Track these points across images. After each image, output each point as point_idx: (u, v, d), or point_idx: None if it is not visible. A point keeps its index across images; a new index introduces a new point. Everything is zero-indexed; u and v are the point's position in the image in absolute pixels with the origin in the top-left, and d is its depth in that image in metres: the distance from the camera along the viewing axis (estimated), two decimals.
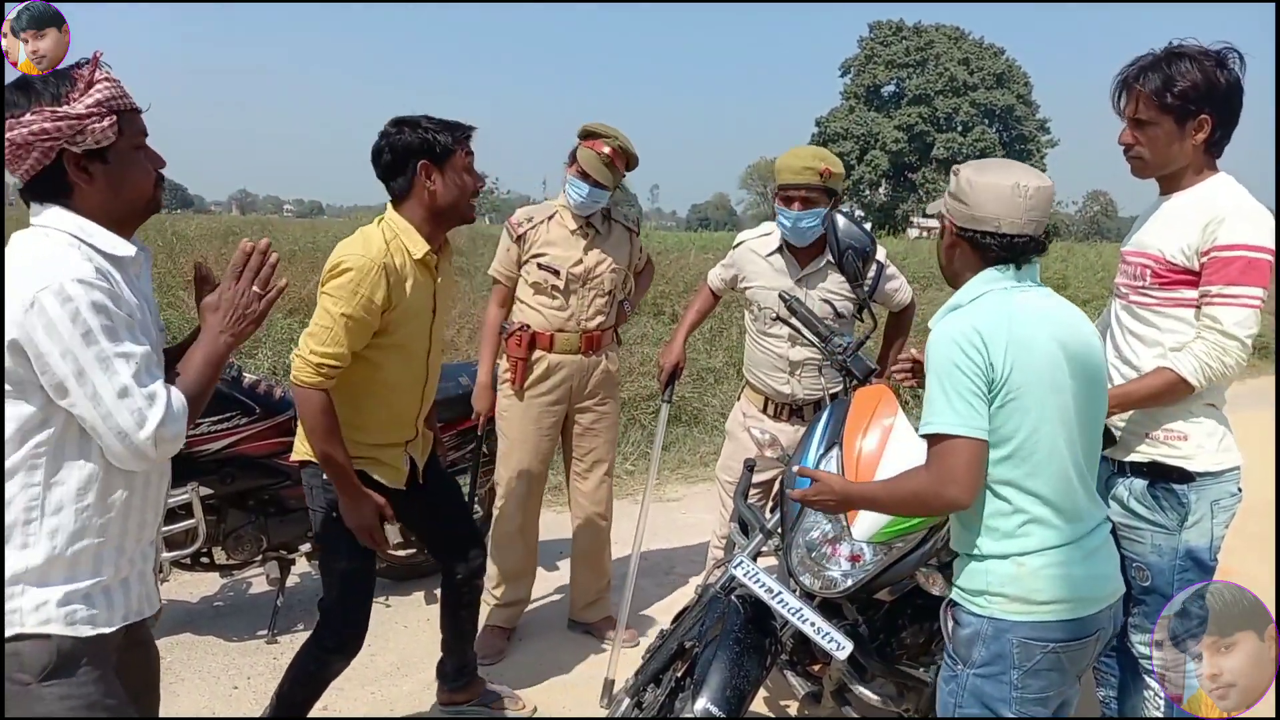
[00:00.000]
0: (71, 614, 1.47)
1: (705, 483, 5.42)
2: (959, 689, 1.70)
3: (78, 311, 1.38)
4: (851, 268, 2.41)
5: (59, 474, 1.45)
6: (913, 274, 11.72)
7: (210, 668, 3.10)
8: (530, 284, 3.12)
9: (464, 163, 2.28)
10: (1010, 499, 1.64)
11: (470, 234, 11.13)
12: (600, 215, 3.17)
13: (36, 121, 1.41)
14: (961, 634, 1.70)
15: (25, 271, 1.40)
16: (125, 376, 1.42)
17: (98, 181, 1.48)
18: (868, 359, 2.53)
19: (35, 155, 1.43)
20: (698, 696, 1.98)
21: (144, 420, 1.43)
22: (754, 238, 3.12)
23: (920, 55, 47.66)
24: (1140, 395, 2.07)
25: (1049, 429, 1.62)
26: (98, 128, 1.44)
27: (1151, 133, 2.07)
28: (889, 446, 2.18)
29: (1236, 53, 2.02)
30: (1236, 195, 2.05)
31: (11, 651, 1.43)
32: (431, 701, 2.90)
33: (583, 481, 3.34)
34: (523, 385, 3.14)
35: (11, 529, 1.43)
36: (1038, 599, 1.62)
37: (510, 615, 3.33)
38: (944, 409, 1.59)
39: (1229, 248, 1.98)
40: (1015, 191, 1.64)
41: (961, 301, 1.70)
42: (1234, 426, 2.14)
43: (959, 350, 1.59)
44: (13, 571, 1.43)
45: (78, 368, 1.39)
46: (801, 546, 2.15)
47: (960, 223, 1.69)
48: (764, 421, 3.01)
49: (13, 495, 1.43)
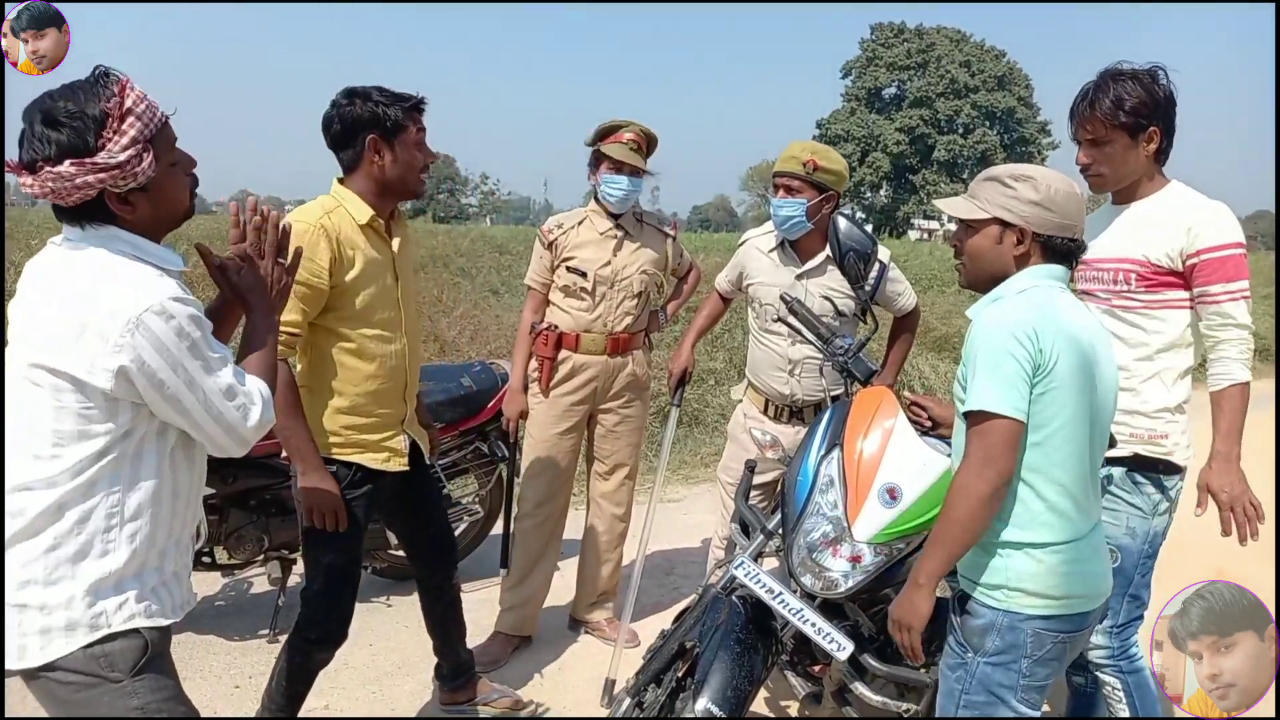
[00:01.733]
0: (148, 609, 1.54)
1: (706, 483, 5.43)
2: (967, 676, 1.77)
3: (181, 327, 1.45)
4: (853, 269, 2.42)
5: (137, 482, 1.51)
6: (914, 276, 11.74)
7: (212, 667, 3.11)
8: (560, 287, 3.14)
9: (415, 138, 2.25)
10: (1035, 485, 1.70)
11: (472, 236, 11.14)
12: (632, 218, 3.19)
13: (79, 175, 1.40)
14: (974, 624, 1.76)
15: (117, 292, 1.42)
16: (227, 379, 1.51)
17: (140, 208, 1.50)
18: (869, 360, 2.53)
19: (77, 196, 1.43)
20: (699, 696, 1.99)
21: (248, 413, 1.54)
22: (757, 235, 3.14)
23: (921, 57, 47.69)
24: (1240, 419, 2.19)
25: (1077, 424, 1.69)
26: (139, 170, 1.45)
27: (1108, 150, 2.23)
28: (890, 448, 2.19)
29: (1163, 69, 2.22)
30: (1203, 199, 2.24)
31: (101, 654, 1.49)
32: (429, 701, 2.91)
33: (603, 482, 3.34)
34: (549, 385, 3.15)
35: (92, 539, 1.48)
36: (1055, 594, 1.70)
37: (518, 621, 3.28)
38: (990, 389, 1.65)
39: (1219, 248, 2.16)
40: (1081, 200, 1.78)
41: (1006, 294, 1.75)
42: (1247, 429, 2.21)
43: (1011, 337, 1.65)
44: (96, 578, 1.48)
45: (188, 379, 1.47)
46: (802, 547, 2.16)
47: (1045, 230, 1.74)
48: (765, 423, 3.02)
49: (92, 506, 1.48)
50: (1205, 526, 2.23)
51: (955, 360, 8.49)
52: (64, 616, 1.47)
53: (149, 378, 1.43)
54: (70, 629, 1.47)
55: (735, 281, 3.20)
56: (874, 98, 49.54)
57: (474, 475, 3.97)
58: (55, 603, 1.46)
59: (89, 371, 1.41)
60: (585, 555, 3.42)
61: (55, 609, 1.46)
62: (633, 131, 3.04)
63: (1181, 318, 2.24)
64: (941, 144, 47.10)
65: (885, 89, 49.28)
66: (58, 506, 1.46)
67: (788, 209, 2.87)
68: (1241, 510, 2.14)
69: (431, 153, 2.31)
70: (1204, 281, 2.18)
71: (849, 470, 2.19)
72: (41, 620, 1.46)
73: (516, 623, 3.28)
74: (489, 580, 3.77)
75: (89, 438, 1.45)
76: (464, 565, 3.90)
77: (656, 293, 3.28)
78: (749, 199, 77.62)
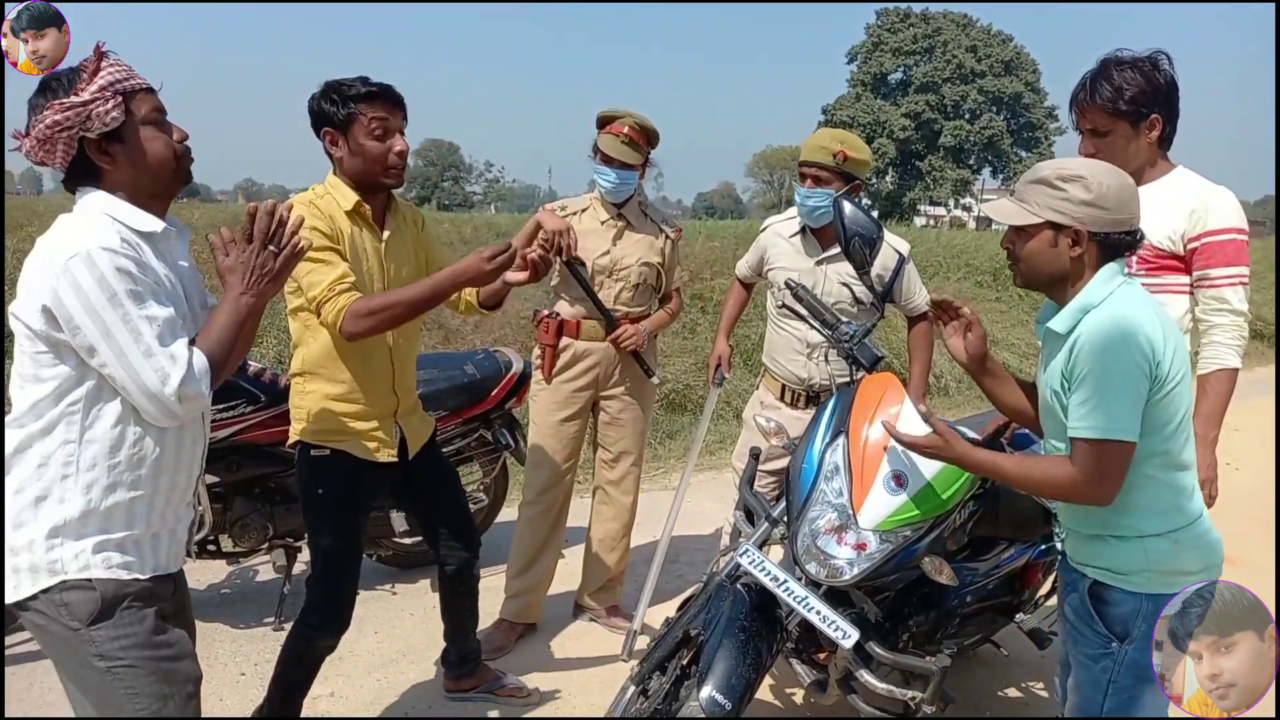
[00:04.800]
0: (107, 559, 1.58)
1: (712, 470, 5.43)
2: (1114, 665, 1.78)
3: (103, 276, 1.47)
4: (858, 255, 2.39)
5: (91, 432, 1.56)
6: (920, 263, 11.66)
7: (217, 654, 3.12)
8: (560, 274, 3.13)
9: (368, 127, 2.19)
10: (1166, 479, 1.73)
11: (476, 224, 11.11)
12: (636, 209, 3.16)
13: (49, 115, 1.51)
14: (1116, 612, 1.78)
15: (57, 242, 1.51)
16: (149, 337, 1.50)
17: (119, 161, 1.58)
18: (874, 346, 2.51)
19: (61, 147, 1.55)
20: (703, 684, 1.98)
21: (166, 378, 1.51)
22: (779, 221, 3.14)
23: (928, 42, 47.35)
24: (1223, 404, 2.21)
25: (1187, 406, 1.73)
26: (103, 110, 1.53)
27: (1110, 139, 2.23)
28: None
29: (1166, 55, 2.20)
30: (1206, 183, 2.24)
31: (60, 602, 1.55)
32: (437, 688, 2.91)
33: (609, 470, 3.34)
34: (551, 371, 3.15)
35: (50, 485, 1.55)
36: (1194, 567, 1.74)
37: (522, 608, 3.28)
38: (1111, 413, 1.64)
39: (1221, 231, 2.18)
40: (1134, 190, 1.74)
41: (1094, 301, 1.72)
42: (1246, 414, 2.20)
43: (1139, 349, 1.64)
44: (51, 525, 1.54)
45: (104, 328, 1.48)
46: (807, 535, 2.15)
47: (1101, 228, 1.72)
48: (781, 410, 3.01)
49: (50, 452, 1.55)
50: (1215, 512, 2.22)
51: None
52: (26, 559, 1.55)
53: (65, 321, 1.48)
54: (33, 571, 1.55)
55: (756, 267, 3.21)
56: (880, 83, 49.23)
57: (478, 463, 3.97)
58: (19, 545, 1.55)
59: (26, 312, 1.50)
60: (591, 542, 3.42)
61: (20, 551, 1.55)
62: (629, 124, 2.99)
63: (1181, 303, 2.25)
64: (948, 129, 46.81)
65: (891, 74, 48.95)
66: (21, 447, 1.55)
67: (815, 199, 2.85)
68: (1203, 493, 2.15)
69: (399, 140, 2.23)
70: (1204, 265, 2.20)
71: (854, 457, 2.17)
72: (11, 560, 1.55)
73: (521, 610, 3.28)
74: (495, 567, 3.76)
75: (40, 380, 1.53)
76: None
77: (657, 285, 3.24)
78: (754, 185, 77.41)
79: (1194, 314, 2.26)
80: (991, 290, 10.57)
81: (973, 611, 2.50)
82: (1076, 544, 1.87)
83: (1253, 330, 10.48)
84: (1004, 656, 3.04)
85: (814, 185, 2.85)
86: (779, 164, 63.03)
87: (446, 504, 2.66)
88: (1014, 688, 3.05)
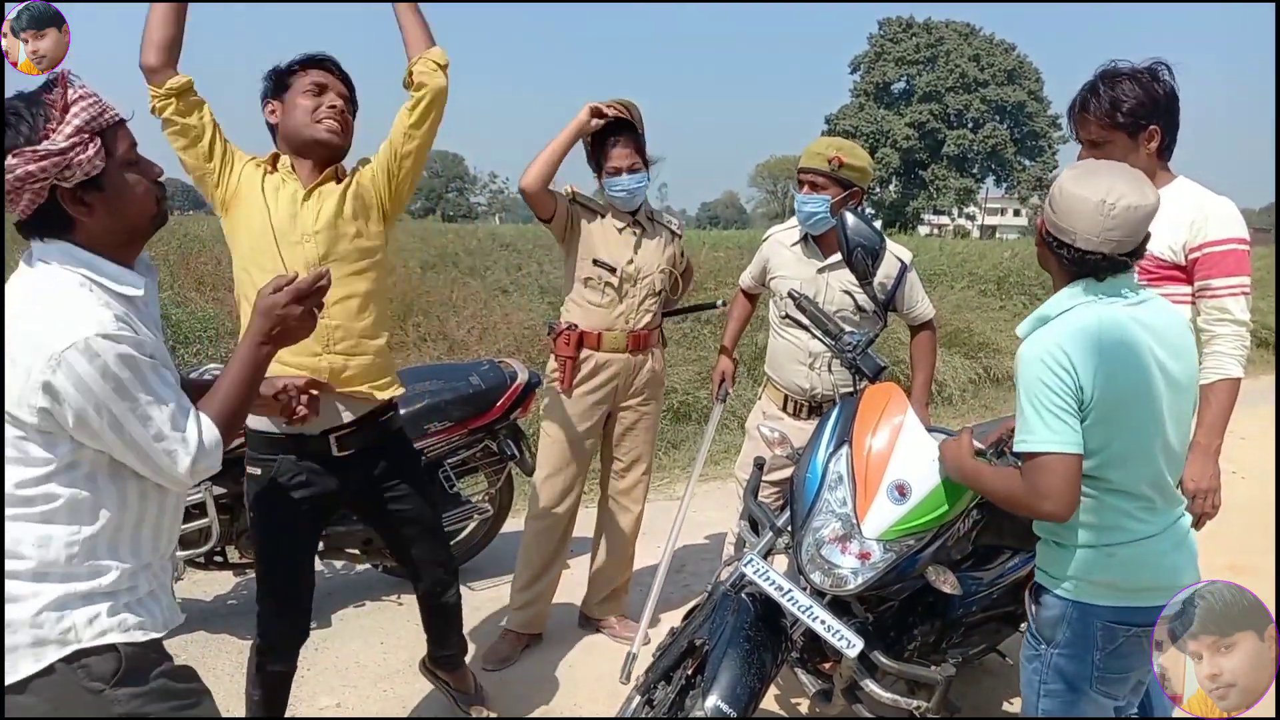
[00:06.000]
0: (124, 622, 1.48)
1: (717, 480, 5.42)
2: (1043, 667, 1.79)
3: (106, 367, 1.36)
4: (860, 265, 2.41)
5: (96, 509, 1.46)
6: (924, 271, 11.66)
7: (224, 666, 3.12)
8: (582, 279, 3.09)
9: (301, 89, 2.19)
10: (1103, 499, 1.70)
11: (481, 235, 11.15)
12: (645, 215, 3.17)
13: (20, 165, 1.34)
14: (1045, 615, 1.78)
15: (46, 324, 1.36)
16: (159, 423, 1.43)
17: (97, 211, 1.43)
18: (877, 357, 2.52)
19: (28, 197, 1.38)
20: (708, 694, 1.98)
21: (177, 460, 1.45)
22: (781, 230, 3.15)
23: (930, 52, 47.49)
24: (1225, 414, 2.20)
25: (1141, 436, 1.68)
26: (84, 159, 1.38)
27: (1108, 151, 2.22)
28: (898, 445, 2.18)
29: (1165, 65, 2.20)
30: (1207, 193, 2.24)
31: (80, 665, 1.44)
32: (444, 700, 2.90)
33: (620, 480, 3.33)
34: (571, 384, 3.13)
35: (53, 563, 1.42)
36: (1126, 585, 1.70)
37: (528, 619, 3.27)
38: (1038, 426, 1.64)
39: (1222, 242, 2.18)
40: (1099, 208, 1.63)
41: (1050, 314, 1.72)
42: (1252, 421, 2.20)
43: (1047, 369, 1.63)
44: (57, 597, 1.42)
45: (113, 420, 1.39)
46: (811, 544, 2.15)
47: (1047, 227, 1.72)
48: (783, 420, 3.02)
49: (48, 534, 1.42)
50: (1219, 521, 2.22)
51: (966, 355, 8.47)
52: (29, 635, 1.41)
53: (74, 416, 1.37)
54: (37, 646, 1.41)
55: (758, 277, 3.23)
56: (883, 93, 49.36)
57: (483, 474, 3.98)
58: (19, 620, 1.40)
59: (16, 404, 1.36)
60: (598, 553, 3.42)
61: (20, 627, 1.40)
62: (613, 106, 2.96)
63: (1183, 313, 2.23)
64: (951, 139, 46.89)
65: (894, 84, 49.09)
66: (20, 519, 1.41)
67: (812, 205, 2.88)
68: (1203, 503, 2.16)
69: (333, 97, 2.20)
70: (1205, 275, 2.20)
71: (858, 467, 2.18)
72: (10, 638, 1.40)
73: (526, 621, 3.28)
74: (500, 579, 3.77)
75: (29, 464, 1.40)
76: (475, 563, 3.94)
77: (671, 291, 3.28)
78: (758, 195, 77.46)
79: (1196, 324, 2.27)
80: (995, 299, 10.58)
81: (977, 620, 2.50)
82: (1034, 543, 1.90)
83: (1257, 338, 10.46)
84: (1009, 666, 3.03)
85: (811, 191, 2.88)
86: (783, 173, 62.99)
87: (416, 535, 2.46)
88: (1019, 697, 3.04)
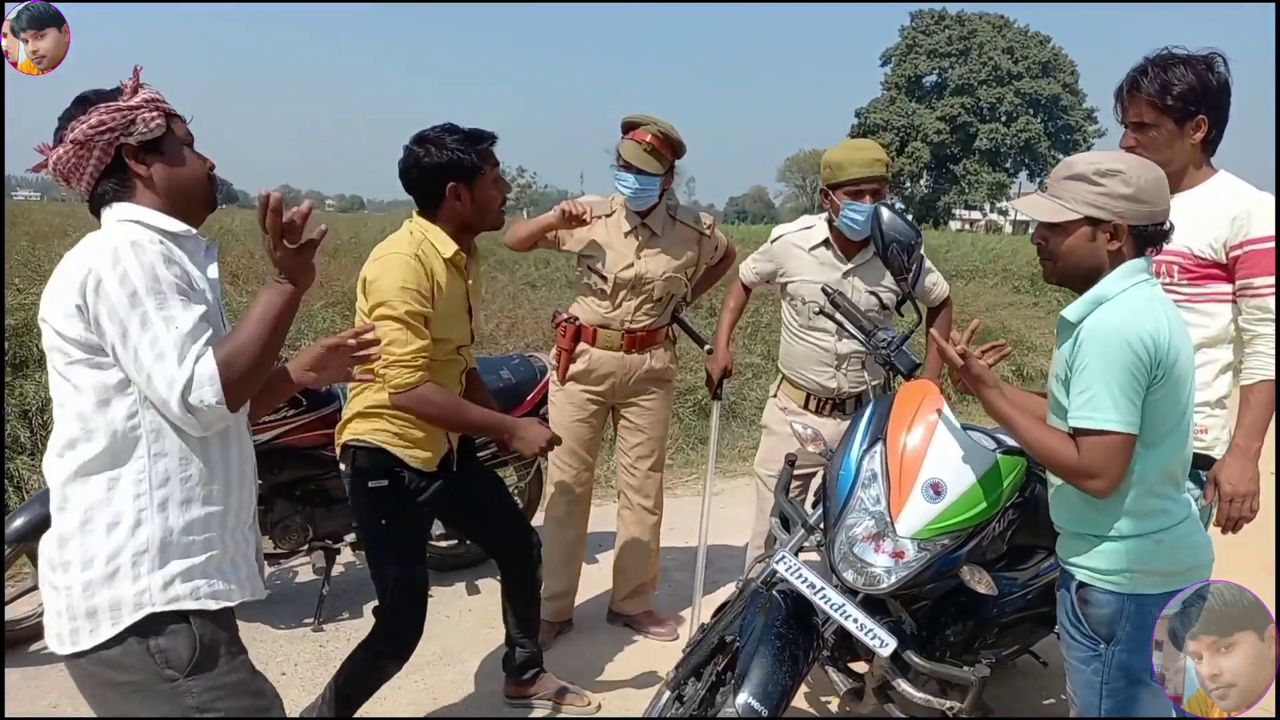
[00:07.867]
0: (195, 590, 1.47)
1: (744, 477, 5.41)
2: (1104, 667, 1.77)
3: (126, 273, 1.39)
4: (897, 261, 2.39)
5: (159, 444, 1.45)
6: (955, 267, 11.54)
7: (258, 654, 3.14)
8: (582, 282, 3.15)
9: (492, 176, 2.31)
10: (1153, 483, 1.72)
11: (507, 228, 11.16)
12: (664, 215, 3.13)
13: (94, 115, 1.47)
14: (1099, 613, 1.76)
15: (91, 243, 1.45)
16: (165, 341, 1.38)
17: (155, 174, 1.53)
18: (912, 353, 2.50)
19: (97, 154, 1.49)
20: (739, 691, 1.98)
21: (173, 384, 1.37)
22: (794, 231, 3.07)
23: (963, 44, 46.92)
24: (1267, 416, 2.17)
25: (1188, 412, 1.73)
26: (149, 116, 1.51)
27: (1153, 135, 2.18)
28: (934, 443, 2.16)
29: (1222, 56, 2.15)
30: (1250, 189, 2.19)
31: (156, 649, 1.44)
32: (475, 691, 2.93)
33: (630, 475, 3.35)
34: (565, 376, 3.17)
35: (123, 508, 1.43)
36: (1179, 567, 1.73)
37: (557, 609, 3.32)
38: (1108, 404, 1.65)
39: (1265, 239, 2.13)
40: (1165, 181, 1.75)
41: (1109, 294, 1.72)
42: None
43: (1130, 351, 1.64)
44: (132, 552, 1.43)
45: (122, 329, 1.38)
46: (844, 542, 2.14)
47: (1140, 221, 1.72)
48: (806, 416, 2.99)
49: (119, 471, 1.43)
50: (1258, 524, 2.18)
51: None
52: (106, 596, 1.41)
53: (92, 320, 1.40)
54: (114, 609, 1.41)
55: (766, 276, 3.15)
56: (914, 86, 48.88)
57: (513, 468, 4.00)
58: (96, 580, 1.41)
59: (56, 316, 1.42)
60: (620, 549, 3.44)
61: (96, 588, 1.41)
62: (652, 133, 2.97)
63: (1224, 312, 2.21)
64: (983, 132, 46.33)
65: (926, 77, 48.60)
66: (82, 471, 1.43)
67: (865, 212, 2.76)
68: (1240, 505, 2.13)
69: (506, 184, 2.37)
70: (1247, 274, 2.15)
71: (892, 465, 2.16)
72: (85, 602, 1.41)
73: (557, 610, 3.33)
74: None
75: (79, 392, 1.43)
76: None
77: (681, 291, 3.24)
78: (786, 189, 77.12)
79: (1237, 323, 2.22)
80: (1029, 295, 10.45)
81: (1011, 621, 2.47)
82: (1064, 542, 1.86)
83: None
84: (1043, 667, 3.00)
85: (874, 199, 2.79)
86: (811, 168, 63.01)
87: (503, 514, 2.68)
88: (1053, 699, 3.01)
